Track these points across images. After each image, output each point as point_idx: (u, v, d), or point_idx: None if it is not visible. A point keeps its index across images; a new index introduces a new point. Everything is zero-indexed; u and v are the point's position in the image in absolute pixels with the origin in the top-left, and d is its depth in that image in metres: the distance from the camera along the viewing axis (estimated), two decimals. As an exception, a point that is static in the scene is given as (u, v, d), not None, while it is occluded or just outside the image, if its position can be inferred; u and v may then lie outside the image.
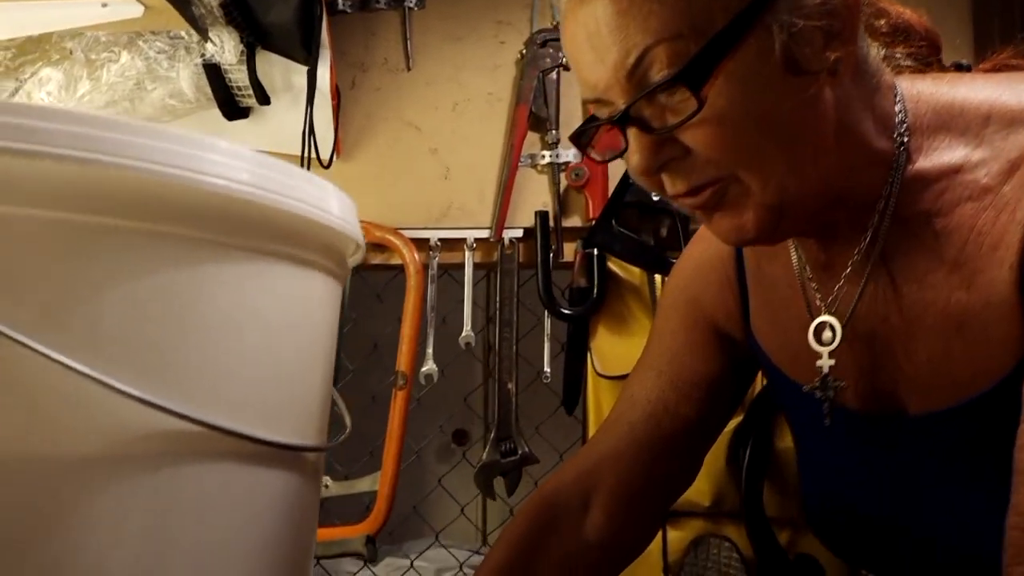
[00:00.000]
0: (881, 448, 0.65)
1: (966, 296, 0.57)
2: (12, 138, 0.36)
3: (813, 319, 0.65)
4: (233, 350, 0.42)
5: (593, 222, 1.21)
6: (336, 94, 1.27)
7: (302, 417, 0.47)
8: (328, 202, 0.48)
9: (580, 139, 0.63)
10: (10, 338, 0.34)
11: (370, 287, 1.49)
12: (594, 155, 0.64)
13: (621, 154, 0.58)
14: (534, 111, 1.30)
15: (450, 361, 1.34)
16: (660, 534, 1.15)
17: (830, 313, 0.64)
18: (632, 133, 0.56)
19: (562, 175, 1.29)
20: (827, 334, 0.64)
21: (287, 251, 0.45)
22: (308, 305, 0.48)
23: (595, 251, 1.20)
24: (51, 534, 0.36)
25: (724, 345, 0.79)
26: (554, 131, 1.30)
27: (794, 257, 0.68)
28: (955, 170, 0.58)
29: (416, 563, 1.46)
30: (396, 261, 1.33)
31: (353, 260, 0.59)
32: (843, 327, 0.63)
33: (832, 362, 0.64)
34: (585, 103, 0.73)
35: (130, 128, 0.38)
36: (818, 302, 0.65)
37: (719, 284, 0.77)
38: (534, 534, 0.81)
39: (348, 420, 0.59)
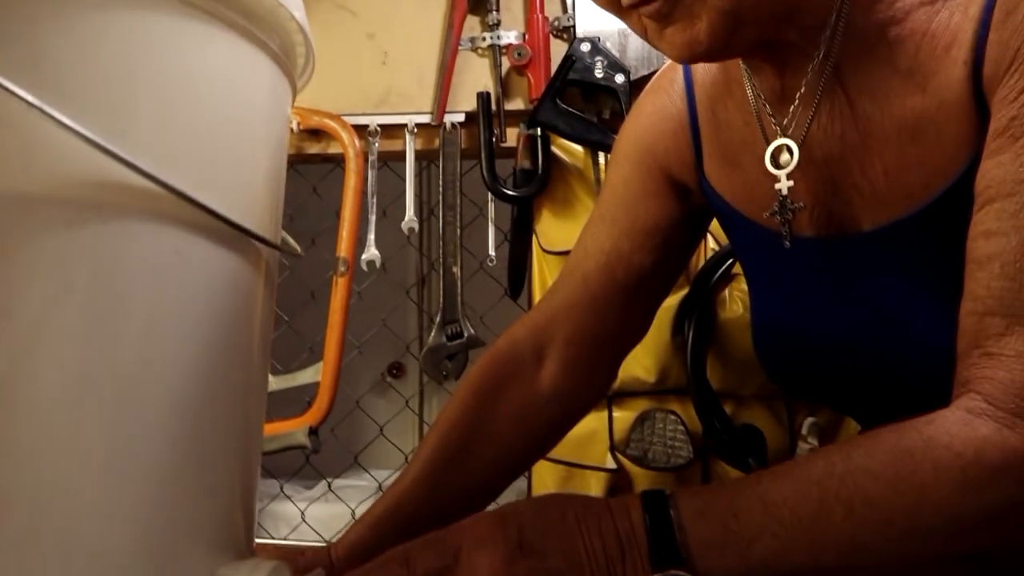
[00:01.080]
0: (836, 271, 0.66)
1: (921, 101, 0.57)
2: None
3: (770, 144, 0.65)
4: (188, 115, 0.39)
5: (536, 102, 1.19)
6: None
7: (256, 209, 0.45)
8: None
9: None
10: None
11: (307, 181, 1.45)
12: None
13: None
14: (473, -7, 1.26)
15: (392, 254, 1.32)
16: (606, 415, 1.17)
17: (786, 136, 0.64)
18: None
19: (503, 58, 1.27)
20: (784, 156, 0.64)
21: (242, 23, 0.43)
22: (259, 90, 0.46)
23: (538, 131, 1.19)
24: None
25: (678, 193, 0.78)
26: (494, 12, 1.27)
27: (749, 91, 0.67)
28: None
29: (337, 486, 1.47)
30: (334, 150, 1.29)
31: (302, 75, 0.56)
32: (799, 148, 0.63)
33: (790, 183, 0.64)
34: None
35: None
36: (774, 126, 0.65)
37: (672, 133, 0.76)
38: (488, 388, 0.81)
39: (298, 248, 0.56)
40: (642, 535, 0.52)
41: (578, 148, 1.21)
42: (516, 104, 1.26)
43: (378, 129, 1.27)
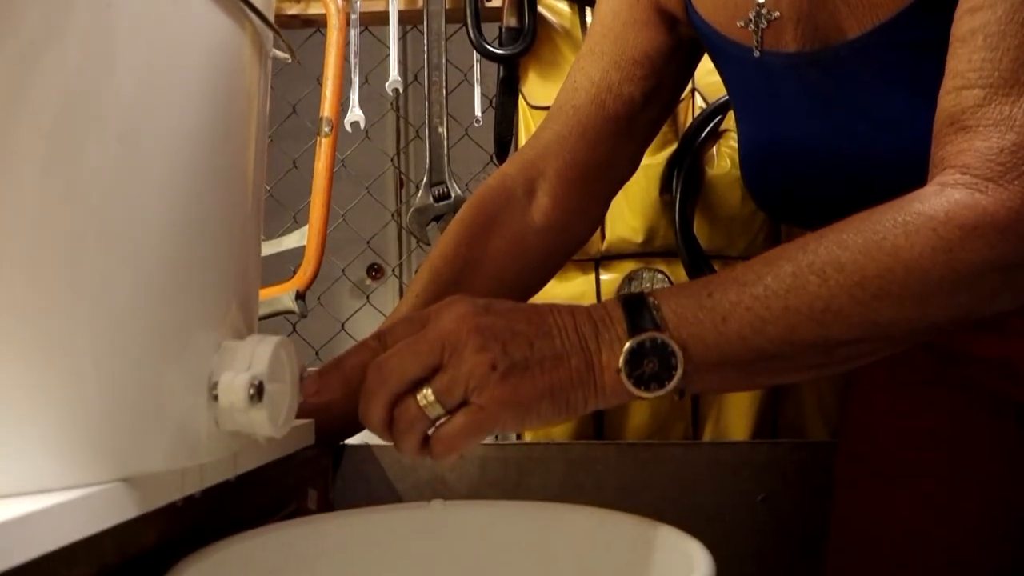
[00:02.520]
0: (823, 84, 0.66)
1: None
2: None
3: None
4: None
5: (522, -42, 1.16)
6: None
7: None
8: None
9: None
10: None
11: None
12: None
13: None
14: None
15: (375, 121, 1.30)
16: (593, 277, 1.17)
17: None
18: None
19: (489, -89, 1.22)
20: None
21: None
22: None
23: (525, -14, 1.16)
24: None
25: (666, 23, 0.77)
26: None
27: None
28: None
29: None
30: (314, 11, 1.26)
31: None
32: None
33: None
34: None
35: None
36: None
37: (659, -39, 0.75)
38: (479, 223, 0.80)
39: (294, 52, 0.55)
40: (618, 315, 0.52)
41: (564, 6, 1.19)
42: (501, -39, 1.22)
43: (360, -13, 1.24)
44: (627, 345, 0.51)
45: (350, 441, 1.01)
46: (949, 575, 0.72)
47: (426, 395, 0.50)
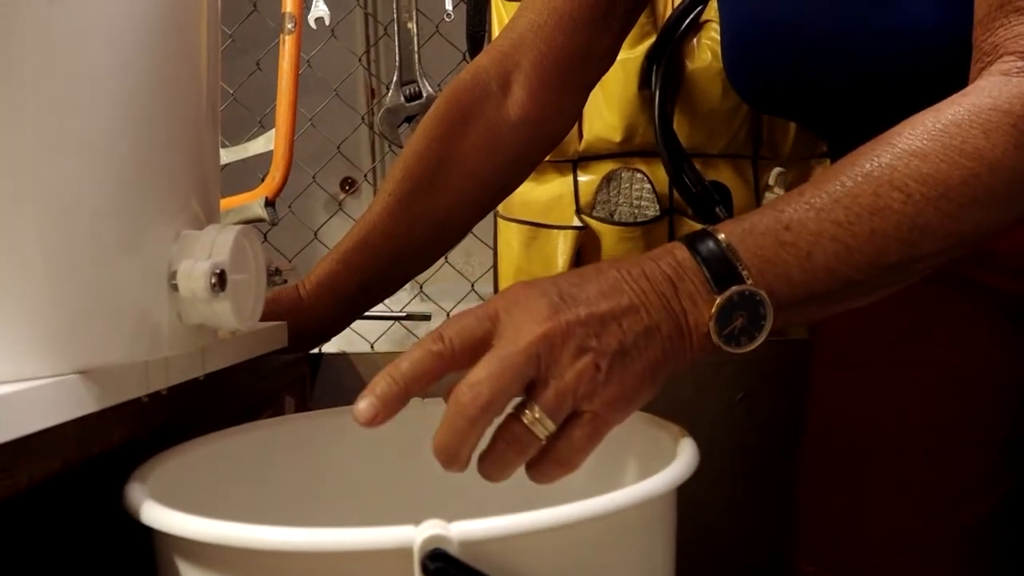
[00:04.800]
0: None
1: None
2: None
3: None
4: None
5: None
6: None
7: None
8: None
9: None
10: None
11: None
12: None
13: None
14: None
15: (341, 18, 1.25)
16: (571, 179, 1.15)
17: None
18: None
19: None
20: None
21: None
22: None
23: None
24: None
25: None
26: None
27: None
28: None
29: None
30: (273, -98, 1.19)
31: None
32: None
33: None
34: None
35: None
36: None
37: None
38: (453, 119, 0.77)
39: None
40: (693, 266, 0.47)
41: None
42: None
43: None
44: (716, 302, 0.46)
45: (327, 348, 1.00)
46: (924, 465, 0.73)
47: (534, 414, 0.44)
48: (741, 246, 0.47)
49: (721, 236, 0.48)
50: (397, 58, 1.14)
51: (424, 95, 1.14)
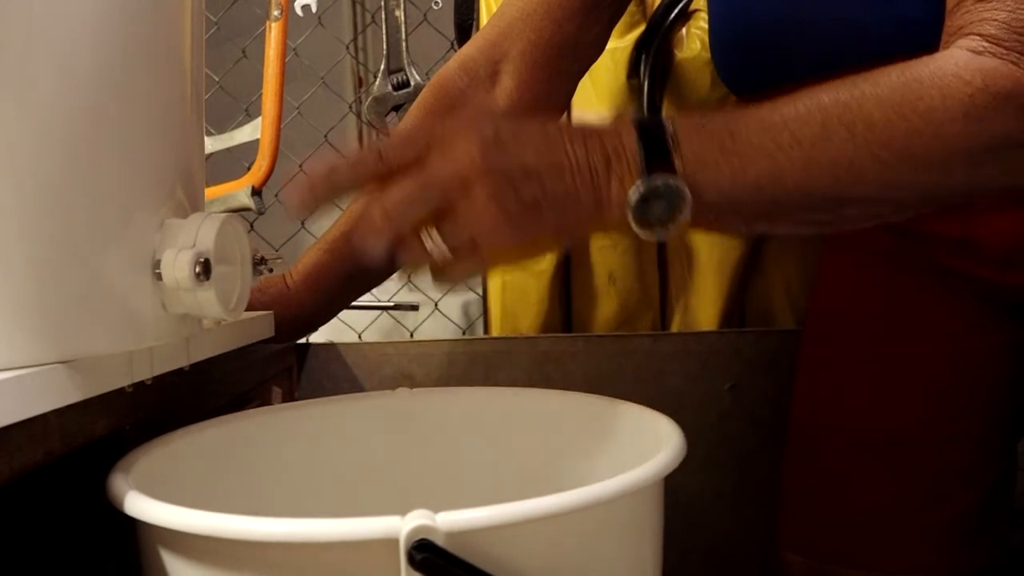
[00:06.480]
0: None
1: None
2: None
3: None
4: None
5: None
6: None
7: None
8: None
9: None
10: None
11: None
12: None
13: None
14: None
15: (328, 6, 1.24)
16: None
17: None
18: None
19: None
20: None
21: None
22: None
23: None
24: None
25: None
26: None
27: None
28: None
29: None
30: None
31: None
32: None
33: None
34: None
35: None
36: None
37: None
38: (441, 109, 0.77)
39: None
40: (633, 148, 0.49)
41: None
42: None
43: None
44: (639, 186, 0.48)
45: (314, 338, 0.99)
46: (908, 455, 0.73)
47: (432, 236, 0.48)
48: (685, 141, 0.49)
49: (671, 127, 0.50)
50: (385, 46, 1.13)
51: (412, 84, 1.13)
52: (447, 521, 0.37)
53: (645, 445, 0.50)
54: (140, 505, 0.41)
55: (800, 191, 0.49)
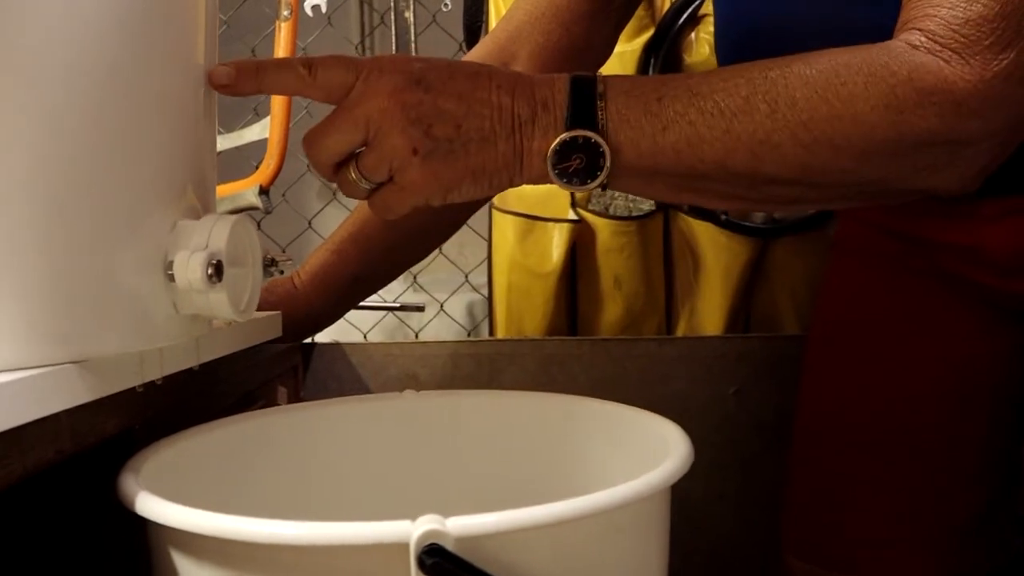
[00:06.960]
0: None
1: None
2: None
3: None
4: None
5: None
6: None
7: None
8: None
9: None
10: None
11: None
12: None
13: None
14: None
15: (338, 6, 1.24)
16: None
17: None
18: None
19: None
20: None
21: None
22: None
23: None
24: None
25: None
26: None
27: None
28: None
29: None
30: None
31: None
32: None
33: None
34: None
35: None
36: None
37: None
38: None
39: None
40: (561, 101, 0.50)
41: None
42: None
43: None
44: (559, 137, 0.50)
45: (320, 339, 0.99)
46: (912, 461, 0.73)
47: (353, 172, 0.51)
48: (612, 99, 0.51)
49: (601, 88, 0.51)
50: (393, 47, 1.13)
51: (420, 85, 1.13)
52: (457, 526, 0.37)
53: (652, 451, 0.51)
54: (152, 506, 0.41)
55: (716, 162, 0.50)
